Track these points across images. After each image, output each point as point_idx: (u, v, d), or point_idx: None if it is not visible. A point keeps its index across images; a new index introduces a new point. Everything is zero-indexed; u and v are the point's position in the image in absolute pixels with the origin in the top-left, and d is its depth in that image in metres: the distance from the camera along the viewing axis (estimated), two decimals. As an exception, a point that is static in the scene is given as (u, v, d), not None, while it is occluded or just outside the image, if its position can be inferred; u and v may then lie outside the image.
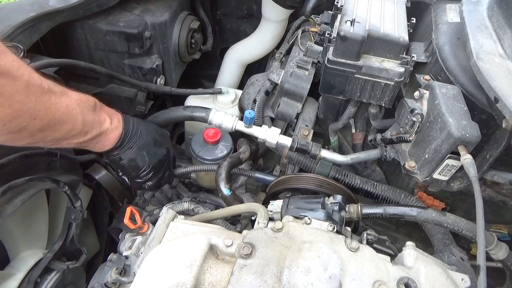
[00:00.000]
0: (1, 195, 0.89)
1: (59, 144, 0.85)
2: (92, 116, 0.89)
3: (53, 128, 0.79)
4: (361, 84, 1.07)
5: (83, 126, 0.85)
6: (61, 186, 1.03)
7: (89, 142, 0.91)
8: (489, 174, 1.00)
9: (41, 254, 1.06)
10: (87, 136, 0.88)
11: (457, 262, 0.95)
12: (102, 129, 0.92)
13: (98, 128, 0.91)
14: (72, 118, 0.82)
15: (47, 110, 0.76)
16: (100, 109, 0.93)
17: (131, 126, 1.00)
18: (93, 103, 0.91)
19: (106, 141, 0.95)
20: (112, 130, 0.95)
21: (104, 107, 0.95)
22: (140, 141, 1.02)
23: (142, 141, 1.02)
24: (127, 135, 0.99)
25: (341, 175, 1.14)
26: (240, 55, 1.74)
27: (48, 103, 0.76)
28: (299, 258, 0.71)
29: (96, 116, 0.90)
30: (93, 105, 0.91)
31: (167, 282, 0.67)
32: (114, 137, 0.96)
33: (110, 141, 0.96)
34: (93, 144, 0.93)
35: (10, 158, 0.93)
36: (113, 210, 1.39)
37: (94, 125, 0.90)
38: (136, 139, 1.01)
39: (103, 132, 0.93)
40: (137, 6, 1.40)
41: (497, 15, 0.98)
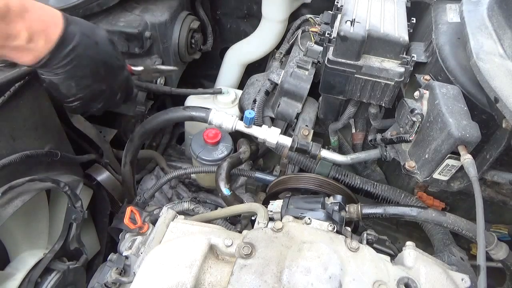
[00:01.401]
0: (2, 195, 0.89)
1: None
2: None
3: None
4: (361, 84, 1.07)
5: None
6: (61, 186, 1.03)
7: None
8: (489, 174, 1.00)
9: (42, 254, 1.06)
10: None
11: (457, 262, 0.95)
12: (9, 43, 0.76)
13: (2, 41, 0.75)
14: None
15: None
16: (16, 18, 0.75)
17: (68, 50, 0.83)
18: (4, 10, 0.73)
19: (17, 57, 0.80)
20: (27, 49, 0.78)
21: (28, 17, 0.77)
22: (72, 70, 0.85)
23: (75, 71, 0.86)
24: (54, 59, 0.82)
25: (341, 175, 1.14)
26: (240, 55, 1.74)
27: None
28: (299, 258, 0.71)
29: (3, 26, 0.74)
30: (3, 12, 0.73)
31: (167, 282, 0.67)
32: (29, 57, 0.80)
33: (24, 59, 0.81)
34: (7, 54, 0.79)
35: (10, 159, 0.93)
36: (113, 210, 1.39)
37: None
38: (68, 67, 0.84)
39: (11, 47, 0.77)
40: (137, 6, 1.40)
41: (497, 15, 0.98)
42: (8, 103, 0.92)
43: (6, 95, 0.91)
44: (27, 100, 0.98)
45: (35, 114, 1.02)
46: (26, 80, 0.95)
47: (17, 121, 0.97)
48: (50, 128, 1.09)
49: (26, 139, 1.01)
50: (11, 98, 0.92)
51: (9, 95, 0.92)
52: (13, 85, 0.92)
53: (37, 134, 1.04)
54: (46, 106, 1.06)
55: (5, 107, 0.92)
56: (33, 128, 1.02)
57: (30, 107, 1.00)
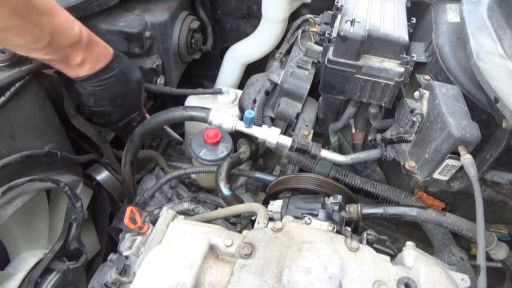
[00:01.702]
0: (2, 195, 0.89)
1: (20, 51, 0.91)
2: (65, 44, 0.93)
3: (25, 19, 0.83)
4: (361, 84, 1.07)
5: (46, 45, 0.89)
6: (61, 186, 1.03)
7: (50, 62, 0.96)
8: (489, 174, 1.00)
9: (42, 254, 1.06)
10: (46, 56, 0.93)
11: (457, 262, 0.95)
12: (66, 61, 0.97)
13: (62, 56, 0.95)
14: (40, 28, 0.86)
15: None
16: (80, 48, 0.97)
17: (100, 78, 1.04)
18: (76, 38, 0.95)
19: (64, 69, 1.00)
20: (75, 68, 1.00)
21: (88, 49, 0.99)
22: (97, 91, 1.07)
23: (99, 93, 1.07)
24: (89, 81, 1.04)
25: (341, 175, 1.14)
26: (240, 55, 1.74)
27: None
28: (299, 258, 0.71)
29: (69, 49, 0.95)
30: (76, 39, 0.94)
31: (167, 282, 0.67)
32: (73, 73, 1.01)
33: (68, 73, 1.01)
34: (54, 65, 0.98)
35: (10, 159, 0.93)
36: (113, 210, 1.39)
37: (60, 51, 0.93)
38: (95, 88, 1.06)
39: (65, 63, 0.98)
40: (137, 6, 1.40)
41: (497, 15, 0.98)
42: (8, 103, 0.92)
43: (6, 95, 0.91)
44: (27, 100, 0.98)
45: (35, 114, 1.02)
46: (26, 80, 0.95)
47: (17, 121, 0.97)
48: (50, 128, 1.09)
49: (26, 139, 1.01)
50: (11, 98, 0.92)
51: (9, 95, 0.92)
52: (13, 85, 0.92)
53: (37, 134, 1.04)
54: (46, 106, 1.06)
55: (5, 107, 0.92)
56: (33, 128, 1.02)
57: (30, 107, 1.00)
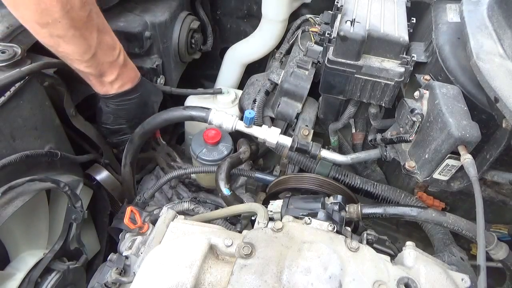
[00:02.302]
0: (2, 196, 0.89)
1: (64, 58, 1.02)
2: (106, 61, 1.05)
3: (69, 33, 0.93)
4: (361, 84, 1.07)
5: (90, 58, 1.01)
6: (61, 186, 1.03)
7: (85, 74, 1.07)
8: (489, 174, 1.00)
9: (42, 254, 1.06)
10: (86, 69, 1.04)
11: (457, 262, 0.95)
12: (100, 77, 1.08)
13: (100, 71, 1.06)
14: (89, 42, 0.98)
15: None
16: (116, 67, 1.09)
17: (124, 99, 1.17)
18: (115, 57, 1.07)
19: (95, 84, 1.11)
20: (105, 85, 1.11)
21: (122, 70, 1.11)
22: (118, 110, 1.20)
23: (119, 111, 1.20)
24: (113, 99, 1.16)
25: (341, 175, 1.14)
26: (240, 55, 1.74)
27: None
28: (299, 258, 0.71)
29: (108, 65, 1.06)
30: (115, 58, 1.07)
31: (167, 282, 0.67)
32: (102, 90, 1.13)
33: (97, 89, 1.13)
34: (87, 78, 1.09)
35: (10, 159, 0.93)
36: (113, 210, 1.39)
37: (99, 67, 1.05)
38: (117, 107, 1.19)
39: (99, 79, 1.09)
40: (137, 6, 1.40)
41: (497, 15, 0.98)
42: (8, 103, 0.92)
43: (6, 95, 0.91)
44: (27, 100, 0.98)
45: (35, 114, 1.02)
46: (26, 80, 0.95)
47: (17, 121, 0.97)
48: (50, 128, 1.09)
49: (26, 139, 1.01)
50: (11, 98, 0.92)
51: (9, 95, 0.92)
52: (13, 85, 0.92)
53: (37, 134, 1.04)
54: (46, 106, 1.06)
55: (5, 107, 0.92)
56: (33, 128, 1.02)
57: (30, 107, 1.00)
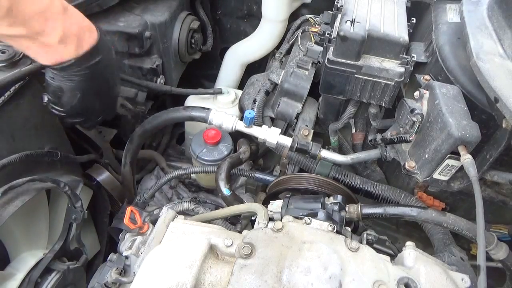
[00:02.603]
0: (2, 195, 0.89)
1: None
2: (34, 10, 0.69)
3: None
4: (361, 84, 1.07)
5: (6, 11, 0.65)
6: (61, 187, 1.03)
7: (16, 40, 0.72)
8: (489, 174, 1.00)
9: (42, 254, 1.06)
10: (11, 30, 0.68)
11: (457, 262, 0.95)
12: (40, 38, 0.73)
13: (32, 30, 0.70)
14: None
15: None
16: (56, 15, 0.73)
17: (93, 62, 0.81)
18: (47, 3, 0.71)
19: (38, 54, 0.77)
20: (54, 48, 0.75)
21: (68, 18, 0.75)
22: (85, 81, 0.83)
23: (87, 83, 0.84)
24: (76, 66, 0.79)
25: (341, 175, 1.14)
26: (240, 55, 1.74)
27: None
28: (299, 258, 0.71)
29: (41, 17, 0.70)
30: (46, 3, 0.71)
31: (167, 282, 0.67)
32: (52, 58, 0.77)
33: (45, 58, 0.77)
34: (22, 47, 0.76)
35: (10, 159, 0.93)
36: (113, 210, 1.39)
37: (27, 22, 0.69)
38: (83, 77, 0.82)
39: (40, 41, 0.73)
40: (137, 6, 1.40)
41: (497, 15, 0.98)
42: (8, 103, 0.92)
43: (6, 95, 0.91)
44: (27, 100, 0.98)
45: (35, 114, 1.02)
46: (26, 80, 0.95)
47: (17, 121, 0.97)
48: (50, 128, 1.09)
49: (26, 139, 1.01)
50: (11, 98, 0.92)
51: (9, 95, 0.92)
52: (13, 85, 0.92)
53: (37, 134, 1.04)
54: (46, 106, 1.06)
55: (5, 107, 0.92)
56: (33, 128, 1.02)
57: (30, 107, 1.00)
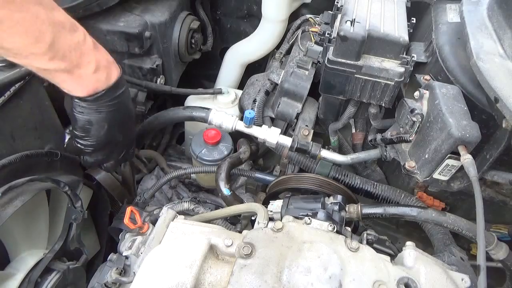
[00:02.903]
0: (2, 196, 0.89)
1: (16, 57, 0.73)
2: (72, 45, 0.75)
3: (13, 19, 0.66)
4: (361, 84, 1.07)
5: (49, 47, 0.71)
6: (61, 186, 1.03)
7: (53, 74, 0.78)
8: (489, 174, 1.00)
9: (42, 254, 1.06)
10: (51, 64, 0.74)
11: (457, 262, 0.95)
12: (76, 70, 0.78)
13: (71, 63, 0.77)
14: (36, 27, 0.69)
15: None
16: (90, 49, 0.80)
17: (119, 93, 0.87)
18: (82, 38, 0.78)
19: (72, 85, 0.81)
20: (90, 78, 0.81)
21: (99, 51, 0.82)
22: (112, 113, 0.88)
23: (115, 115, 0.89)
24: (106, 97, 0.85)
25: (341, 175, 1.14)
26: (240, 55, 1.74)
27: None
28: (299, 258, 0.71)
29: (78, 51, 0.77)
30: (81, 38, 0.78)
31: (167, 282, 0.67)
32: (88, 87, 0.82)
33: (80, 88, 0.82)
34: (58, 80, 0.80)
35: (10, 159, 0.93)
36: (113, 210, 1.39)
37: (67, 56, 0.75)
38: (112, 108, 0.87)
39: (76, 74, 0.79)
40: (137, 6, 1.40)
41: (497, 15, 0.98)
42: (8, 103, 0.92)
43: (6, 95, 0.91)
44: (27, 100, 0.98)
45: (35, 114, 1.02)
46: (26, 80, 0.95)
47: (17, 121, 0.97)
48: (50, 128, 1.09)
49: (26, 139, 1.00)
50: (11, 98, 0.92)
51: (9, 95, 0.91)
52: (13, 85, 0.92)
53: (37, 134, 1.04)
54: (46, 106, 1.06)
55: (5, 107, 0.92)
56: (33, 128, 1.02)
57: (30, 107, 1.00)
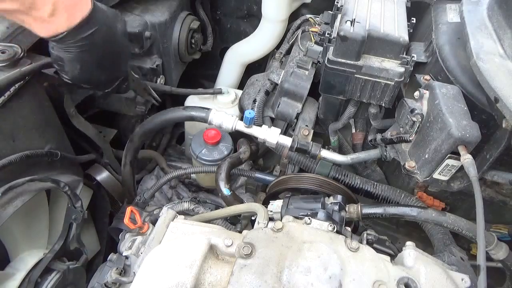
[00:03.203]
0: (2, 196, 0.89)
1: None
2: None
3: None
4: (361, 84, 1.07)
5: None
6: (61, 186, 1.03)
7: (13, 15, 0.77)
8: (489, 174, 1.00)
9: (42, 254, 1.06)
10: (2, 4, 0.73)
11: (457, 262, 0.95)
12: (32, 12, 0.76)
13: (23, 5, 0.75)
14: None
15: None
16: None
17: (86, 34, 0.84)
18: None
19: (35, 28, 0.80)
20: (47, 21, 0.78)
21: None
22: (82, 53, 0.86)
23: (85, 55, 0.87)
24: (70, 38, 0.83)
25: (341, 175, 1.14)
26: (240, 55, 1.74)
27: None
28: (299, 258, 0.71)
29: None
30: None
31: (167, 282, 0.67)
32: (47, 30, 0.81)
33: (41, 31, 0.81)
34: (19, 21, 0.79)
35: (10, 159, 0.93)
36: (113, 210, 1.39)
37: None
38: (80, 49, 0.85)
39: (33, 16, 0.77)
40: (137, 6, 1.40)
41: (497, 15, 0.98)
42: (8, 103, 0.92)
43: (6, 95, 0.91)
44: (27, 100, 0.98)
45: (35, 114, 1.02)
46: (26, 80, 0.95)
47: (17, 121, 0.97)
48: (50, 128, 1.09)
49: (26, 139, 1.01)
50: (11, 98, 0.92)
51: (9, 95, 0.92)
52: (13, 85, 0.92)
53: (37, 134, 1.04)
54: (46, 106, 1.06)
55: (5, 107, 0.92)
56: (33, 128, 1.02)
57: (30, 107, 1.00)
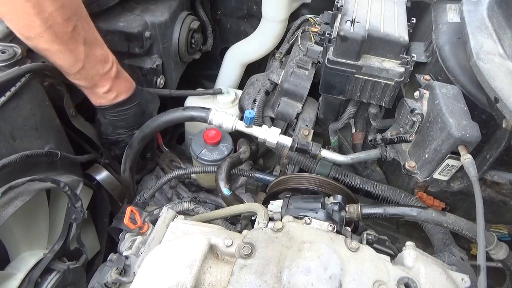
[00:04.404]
0: (2, 196, 0.89)
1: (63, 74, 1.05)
2: (97, 73, 1.07)
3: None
4: (361, 84, 1.07)
5: (78, 71, 1.03)
6: (61, 187, 1.03)
7: (81, 87, 1.10)
8: (489, 174, 1.00)
9: (42, 254, 1.06)
10: (76, 81, 1.07)
11: (457, 262, 0.95)
12: (94, 89, 1.11)
13: (90, 83, 1.09)
14: (76, 55, 1.00)
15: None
16: (109, 79, 1.10)
17: (120, 109, 1.19)
18: (107, 70, 1.08)
19: (91, 96, 1.14)
20: (100, 96, 1.14)
21: (115, 81, 1.12)
22: (115, 121, 1.22)
23: (117, 122, 1.23)
24: (109, 110, 1.18)
25: (341, 175, 1.14)
26: (240, 55, 1.74)
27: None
28: (299, 258, 0.71)
29: (99, 77, 1.08)
30: (106, 70, 1.08)
31: (167, 282, 0.67)
32: (97, 101, 1.16)
33: (93, 100, 1.16)
34: (85, 91, 1.13)
35: (10, 159, 0.93)
36: (113, 210, 1.39)
37: (88, 79, 1.07)
38: (114, 118, 1.21)
39: (93, 91, 1.12)
40: (137, 6, 1.40)
41: (497, 15, 0.98)
42: (8, 103, 0.92)
43: (6, 95, 0.91)
44: (27, 100, 0.98)
45: (35, 114, 1.02)
46: (26, 80, 0.95)
47: (17, 121, 0.97)
48: (50, 128, 1.09)
49: (26, 139, 1.00)
50: (11, 98, 0.92)
51: (9, 95, 0.92)
52: (13, 85, 0.92)
53: (37, 134, 1.04)
54: (46, 106, 1.06)
55: (5, 107, 0.92)
56: (33, 128, 1.02)
57: (30, 107, 1.00)
